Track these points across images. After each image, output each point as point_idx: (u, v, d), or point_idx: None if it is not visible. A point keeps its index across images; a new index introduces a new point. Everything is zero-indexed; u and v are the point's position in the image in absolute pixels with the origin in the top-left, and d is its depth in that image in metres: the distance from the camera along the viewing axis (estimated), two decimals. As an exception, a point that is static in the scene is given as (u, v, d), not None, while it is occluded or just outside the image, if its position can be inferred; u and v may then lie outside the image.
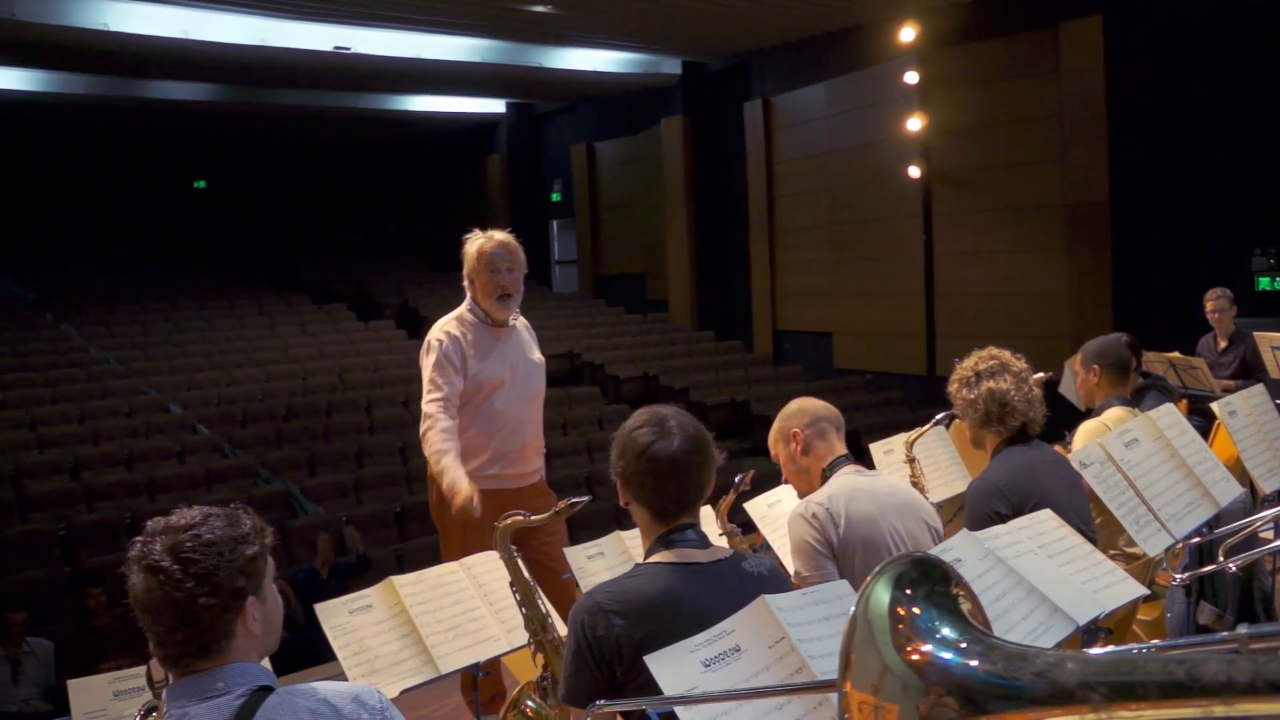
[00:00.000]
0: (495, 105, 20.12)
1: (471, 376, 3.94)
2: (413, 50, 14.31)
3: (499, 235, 4.05)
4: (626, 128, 18.12)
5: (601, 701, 1.69)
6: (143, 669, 2.52)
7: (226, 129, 20.13)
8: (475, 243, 4.02)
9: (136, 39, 12.33)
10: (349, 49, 13.85)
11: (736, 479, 3.20)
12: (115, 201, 20.52)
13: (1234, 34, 10.11)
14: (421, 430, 3.92)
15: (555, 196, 20.18)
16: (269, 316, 16.77)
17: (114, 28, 12.00)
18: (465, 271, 4.03)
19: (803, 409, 3.06)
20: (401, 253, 22.52)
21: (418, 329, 16.73)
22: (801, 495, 3.06)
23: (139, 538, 1.71)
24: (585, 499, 2.61)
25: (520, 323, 4.23)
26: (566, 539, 3.82)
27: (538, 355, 4.17)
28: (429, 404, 3.91)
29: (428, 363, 3.96)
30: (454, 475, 3.71)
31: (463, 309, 4.07)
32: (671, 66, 16.45)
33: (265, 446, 11.50)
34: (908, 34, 12.43)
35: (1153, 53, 10.76)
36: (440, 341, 3.96)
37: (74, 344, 14.56)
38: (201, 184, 21.96)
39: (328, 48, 13.71)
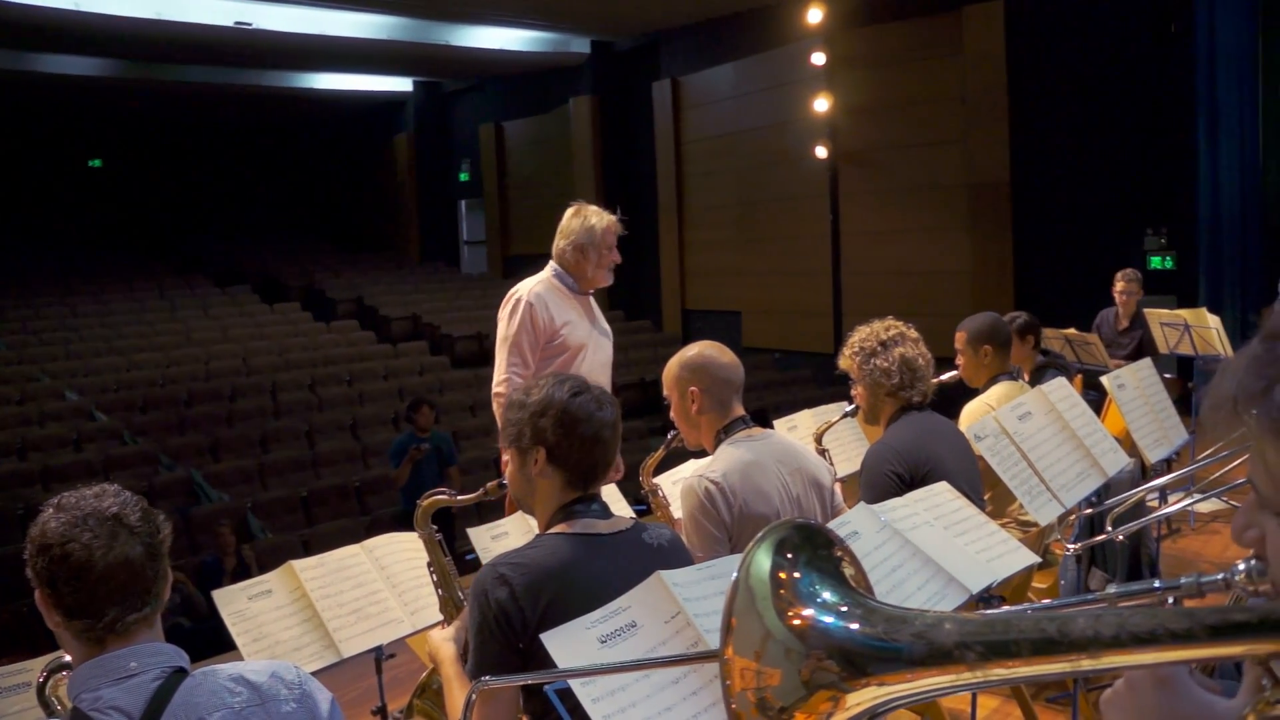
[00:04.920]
0: (402, 84, 19.82)
1: (560, 337, 4.04)
2: (316, 26, 14.01)
3: (609, 215, 4.19)
4: (535, 107, 17.97)
5: (487, 677, 1.65)
6: (28, 663, 2.44)
7: (123, 106, 19.47)
8: (592, 218, 4.14)
9: (21, 9, 11.87)
10: (250, 24, 13.51)
11: (669, 435, 3.19)
12: (4, 181, 19.73)
13: (1131, 21, 10.39)
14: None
15: (463, 176, 19.97)
16: (169, 299, 16.34)
17: (-2, -2, 11.54)
18: (572, 240, 4.12)
19: (704, 368, 2.98)
20: (307, 234, 22.09)
21: (324, 311, 16.42)
22: (690, 444, 3.07)
23: (61, 510, 1.63)
24: None
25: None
26: None
27: (607, 326, 4.33)
28: (511, 377, 3.97)
29: (512, 322, 4.03)
30: None
31: (548, 275, 4.17)
32: (580, 46, 16.36)
33: (166, 433, 11.23)
34: (815, 15, 12.50)
35: (1052, 38, 11.03)
36: (530, 304, 4.03)
37: (-39, 329, 14.04)
38: (97, 163, 21.26)
39: (228, 23, 13.37)
